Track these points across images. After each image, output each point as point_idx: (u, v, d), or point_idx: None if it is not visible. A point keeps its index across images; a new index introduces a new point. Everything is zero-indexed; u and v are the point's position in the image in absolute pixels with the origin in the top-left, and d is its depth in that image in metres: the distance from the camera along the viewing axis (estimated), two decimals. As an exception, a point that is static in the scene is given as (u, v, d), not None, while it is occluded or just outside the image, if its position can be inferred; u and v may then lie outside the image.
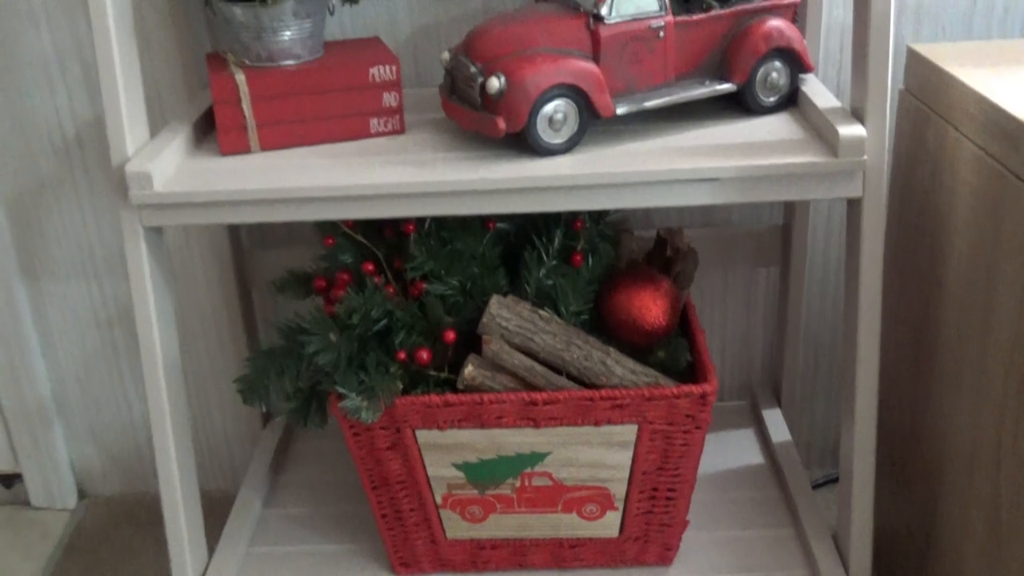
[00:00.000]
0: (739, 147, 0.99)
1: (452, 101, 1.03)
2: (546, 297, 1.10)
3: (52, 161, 1.31)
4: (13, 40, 1.24)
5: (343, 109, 1.06)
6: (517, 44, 0.99)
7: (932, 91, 1.06)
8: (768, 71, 1.06)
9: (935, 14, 1.22)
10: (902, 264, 1.16)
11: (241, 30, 1.04)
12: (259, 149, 1.05)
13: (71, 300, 1.40)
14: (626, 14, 0.99)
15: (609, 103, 0.99)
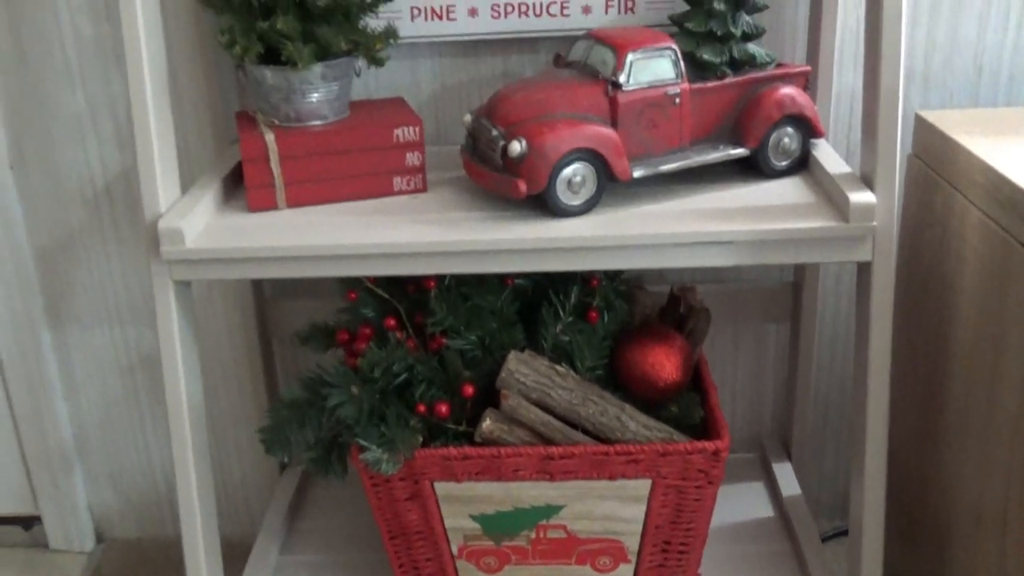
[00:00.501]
0: (752, 210, 1.02)
1: (474, 162, 1.07)
2: (562, 352, 1.12)
3: (81, 212, 1.35)
4: (48, 96, 1.29)
5: (368, 168, 1.10)
6: (538, 109, 1.02)
7: (940, 158, 1.09)
8: (780, 136, 1.09)
9: (942, 81, 1.25)
10: (911, 325, 1.19)
11: (271, 92, 1.08)
12: (286, 206, 1.09)
13: (94, 346, 1.43)
14: (643, 81, 1.03)
15: (626, 167, 1.02)
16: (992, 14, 1.22)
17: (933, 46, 1.24)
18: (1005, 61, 1.24)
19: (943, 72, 1.25)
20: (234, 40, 1.04)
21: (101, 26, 1.25)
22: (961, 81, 1.26)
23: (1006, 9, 1.22)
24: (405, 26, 1.19)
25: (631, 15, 1.19)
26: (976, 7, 1.22)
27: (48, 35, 1.26)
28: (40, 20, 1.25)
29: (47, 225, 1.36)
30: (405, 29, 1.19)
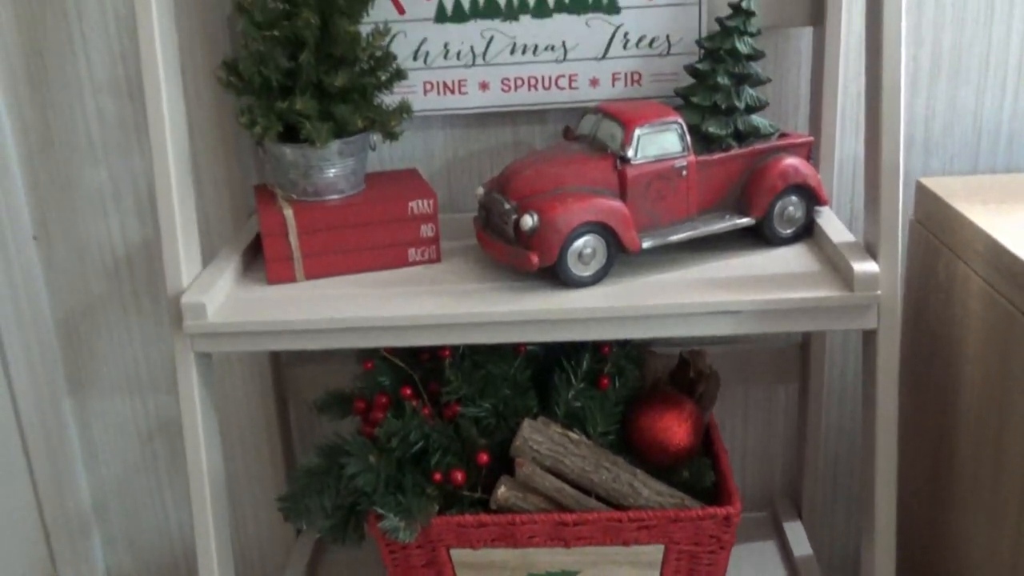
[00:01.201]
0: (758, 279, 1.05)
1: (487, 234, 1.10)
2: (575, 418, 1.14)
3: (103, 282, 1.38)
4: (72, 171, 1.32)
5: (383, 240, 1.13)
6: (549, 183, 1.05)
7: (941, 225, 1.12)
8: (785, 206, 1.12)
9: (943, 147, 1.28)
10: (918, 389, 1.21)
11: (290, 168, 1.11)
12: (304, 278, 1.12)
13: (114, 413, 1.45)
14: (650, 155, 1.06)
15: (635, 238, 1.05)
16: (989, 82, 1.26)
17: (933, 113, 1.27)
18: (1004, 126, 1.28)
19: (943, 138, 1.28)
20: (254, 120, 1.07)
21: (123, 104, 1.29)
22: (961, 146, 1.29)
23: (1003, 77, 1.25)
24: (418, 100, 1.23)
25: (637, 87, 1.22)
26: (973, 76, 1.26)
27: (73, 113, 1.30)
28: (66, 99, 1.29)
29: (69, 295, 1.39)
30: (418, 103, 1.23)
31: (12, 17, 1.26)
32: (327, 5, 1.07)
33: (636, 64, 1.22)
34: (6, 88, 1.29)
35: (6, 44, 1.27)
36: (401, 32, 1.21)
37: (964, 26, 1.24)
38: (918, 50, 1.25)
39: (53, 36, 1.27)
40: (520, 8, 1.20)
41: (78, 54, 1.27)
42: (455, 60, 1.22)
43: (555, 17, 1.20)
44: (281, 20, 1.06)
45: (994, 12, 1.23)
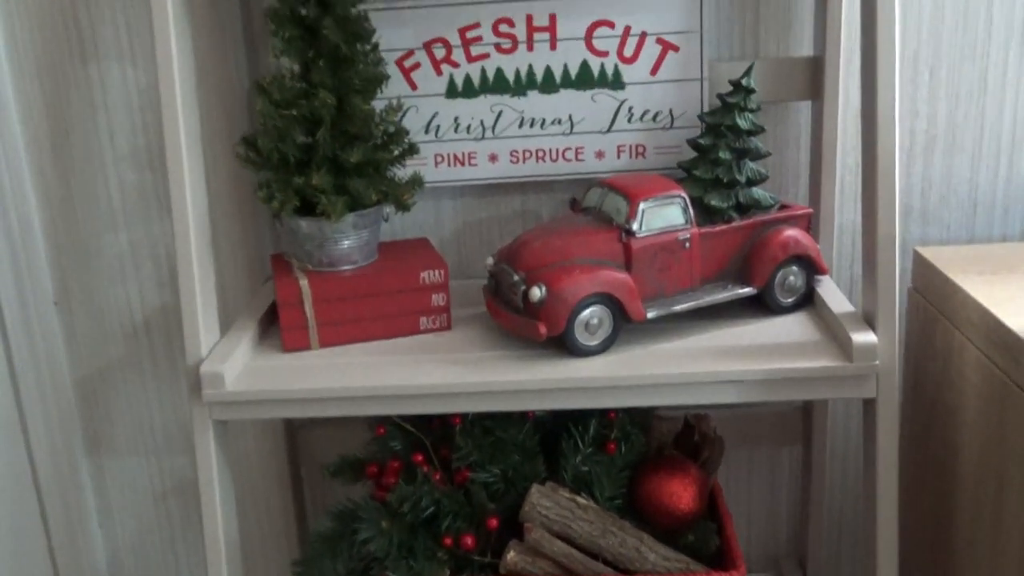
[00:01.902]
0: (760, 348, 1.08)
1: (496, 303, 1.13)
2: (582, 482, 1.17)
3: (121, 346, 1.41)
4: (93, 238, 1.36)
5: (395, 309, 1.16)
6: (556, 255, 1.09)
7: (938, 294, 1.15)
8: (786, 275, 1.15)
9: (940, 216, 1.32)
10: (918, 454, 1.23)
11: (306, 240, 1.15)
12: (318, 346, 1.15)
13: (129, 473, 1.48)
14: (655, 228, 1.10)
15: (640, 309, 1.08)
16: (983, 152, 1.30)
17: (930, 184, 1.31)
18: (999, 196, 1.31)
19: (940, 207, 1.32)
20: (272, 195, 1.11)
21: (144, 174, 1.34)
22: (958, 215, 1.32)
23: (996, 149, 1.29)
24: (429, 171, 1.27)
25: (642, 159, 1.27)
26: (968, 147, 1.29)
27: (95, 182, 1.34)
28: (88, 169, 1.34)
29: (88, 358, 1.42)
30: (430, 174, 1.27)
31: (38, 89, 1.31)
32: (343, 84, 1.11)
33: (640, 137, 1.26)
34: (31, 158, 1.33)
35: (32, 116, 1.32)
36: (413, 107, 1.25)
37: (958, 100, 1.28)
38: (914, 122, 1.29)
39: (77, 108, 1.31)
40: (528, 84, 1.24)
41: (101, 126, 1.32)
42: (465, 133, 1.26)
43: (562, 92, 1.24)
44: (299, 99, 1.10)
45: (987, 86, 1.27)
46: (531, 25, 1.22)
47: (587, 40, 1.22)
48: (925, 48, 1.26)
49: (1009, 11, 1.24)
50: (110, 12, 1.28)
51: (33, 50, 1.29)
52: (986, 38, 1.26)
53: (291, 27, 1.10)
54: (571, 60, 1.23)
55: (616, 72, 1.23)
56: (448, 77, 1.24)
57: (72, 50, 1.29)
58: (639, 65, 1.23)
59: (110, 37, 1.29)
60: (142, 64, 1.29)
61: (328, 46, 1.09)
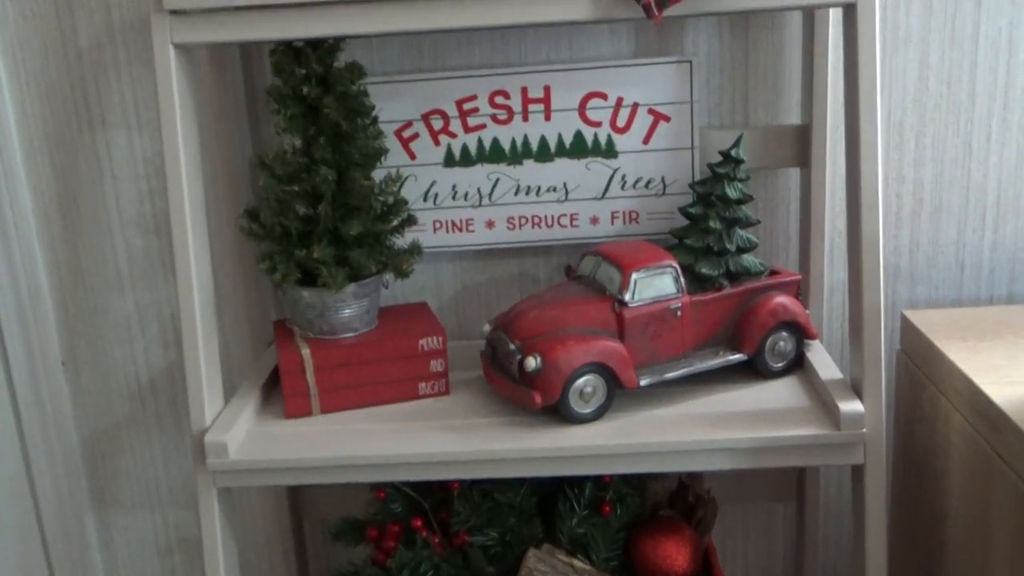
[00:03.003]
0: (751, 416, 1.10)
1: (493, 370, 1.16)
2: (578, 544, 1.19)
3: (126, 404, 1.44)
4: (100, 300, 1.40)
5: (395, 375, 1.19)
6: (551, 325, 1.12)
7: (924, 359, 1.18)
8: (776, 341, 1.18)
9: (928, 277, 1.35)
10: (908, 516, 1.25)
11: (307, 309, 1.18)
12: (320, 412, 1.18)
13: (135, 528, 1.51)
14: (647, 297, 1.13)
15: (633, 376, 1.11)
16: (969, 215, 1.33)
17: (917, 245, 1.34)
18: (984, 257, 1.34)
19: (928, 268, 1.35)
20: (274, 267, 1.14)
21: (149, 238, 1.37)
22: (945, 276, 1.35)
23: (982, 212, 1.32)
24: (428, 237, 1.30)
25: (635, 225, 1.30)
26: (954, 210, 1.32)
27: (102, 247, 1.37)
28: (95, 234, 1.37)
29: (94, 416, 1.45)
30: (428, 240, 1.30)
31: (47, 157, 1.34)
32: (343, 159, 1.15)
33: (633, 204, 1.29)
34: (39, 223, 1.37)
35: (41, 183, 1.35)
36: (412, 176, 1.28)
37: (943, 165, 1.31)
38: (901, 187, 1.32)
39: (85, 175, 1.35)
40: (524, 153, 1.28)
41: (108, 192, 1.35)
42: (463, 201, 1.29)
43: (557, 161, 1.28)
44: (300, 173, 1.13)
45: (971, 152, 1.30)
46: (526, 97, 1.26)
47: (581, 111, 1.26)
48: (910, 115, 1.30)
49: (991, 79, 1.28)
50: (117, 84, 1.31)
51: (42, 120, 1.33)
52: (969, 105, 1.29)
53: (293, 105, 1.13)
54: (565, 130, 1.27)
55: (609, 141, 1.27)
56: (446, 147, 1.28)
57: (80, 120, 1.33)
58: (632, 135, 1.26)
59: (117, 107, 1.32)
60: (148, 133, 1.33)
61: (329, 123, 1.13)
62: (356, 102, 1.16)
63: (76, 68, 1.31)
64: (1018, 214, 1.32)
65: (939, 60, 1.27)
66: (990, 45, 1.27)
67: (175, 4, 1.03)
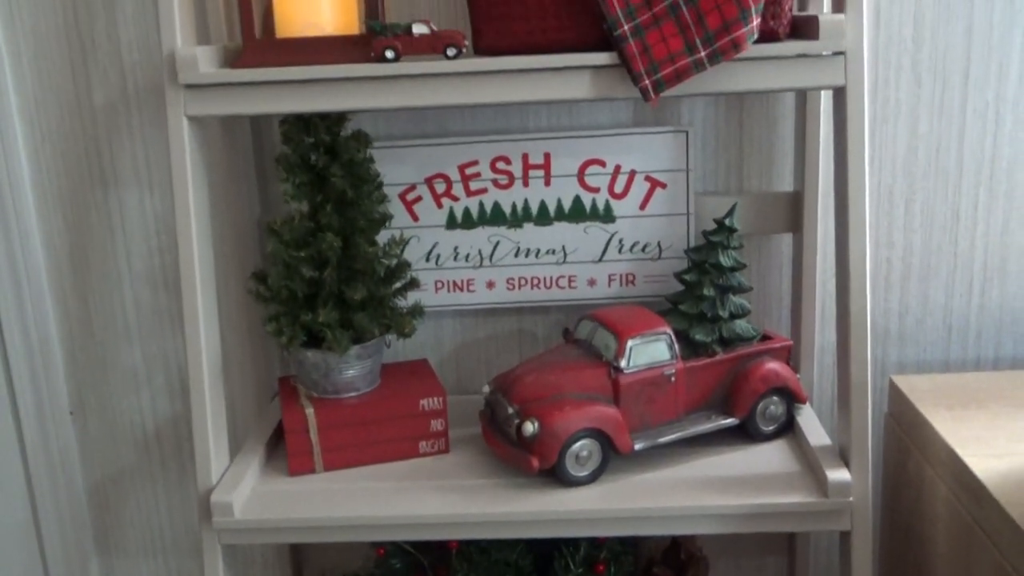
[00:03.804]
0: (742, 481, 1.13)
1: (492, 431, 1.19)
2: (573, 602, 1.23)
3: (132, 454, 1.47)
4: (109, 352, 1.43)
5: (396, 434, 1.22)
6: (549, 390, 1.15)
7: (910, 426, 1.21)
8: (767, 406, 1.21)
9: (916, 339, 1.38)
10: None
11: (312, 369, 1.21)
12: (322, 469, 1.21)
13: (138, 574, 1.53)
14: (642, 364, 1.16)
15: (628, 441, 1.14)
16: (957, 280, 1.36)
17: (906, 309, 1.37)
18: (972, 321, 1.37)
19: (916, 331, 1.38)
20: (281, 330, 1.18)
21: (158, 293, 1.40)
22: (933, 338, 1.38)
23: (969, 277, 1.36)
24: (430, 297, 1.34)
25: (631, 287, 1.33)
26: (942, 275, 1.36)
27: (112, 301, 1.41)
28: (105, 287, 1.40)
29: (101, 465, 1.48)
30: (430, 299, 1.34)
31: (60, 213, 1.38)
32: (348, 225, 1.18)
33: (630, 267, 1.33)
34: (51, 277, 1.40)
35: (53, 237, 1.39)
36: (415, 237, 1.32)
37: (932, 231, 1.35)
38: (890, 251, 1.36)
39: (96, 231, 1.38)
40: (524, 217, 1.31)
41: (118, 247, 1.39)
42: (464, 262, 1.33)
43: (556, 225, 1.31)
44: (308, 238, 1.17)
45: (959, 219, 1.34)
46: (527, 163, 1.29)
47: (580, 177, 1.30)
48: (900, 183, 1.33)
49: (978, 150, 1.32)
50: (129, 144, 1.35)
51: (57, 177, 1.36)
52: (957, 174, 1.33)
53: (301, 173, 1.17)
54: (564, 195, 1.30)
55: (607, 207, 1.31)
56: (448, 210, 1.32)
57: (93, 178, 1.36)
58: (629, 200, 1.30)
59: (129, 166, 1.36)
60: (158, 192, 1.37)
61: (335, 191, 1.17)
62: (362, 169, 1.19)
63: (91, 128, 1.35)
64: (1004, 280, 1.36)
65: (928, 131, 1.31)
66: (977, 117, 1.31)
67: (189, 79, 1.07)
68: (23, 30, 1.31)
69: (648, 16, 1.03)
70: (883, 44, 1.28)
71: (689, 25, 1.02)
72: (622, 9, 1.03)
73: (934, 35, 1.28)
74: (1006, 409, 1.18)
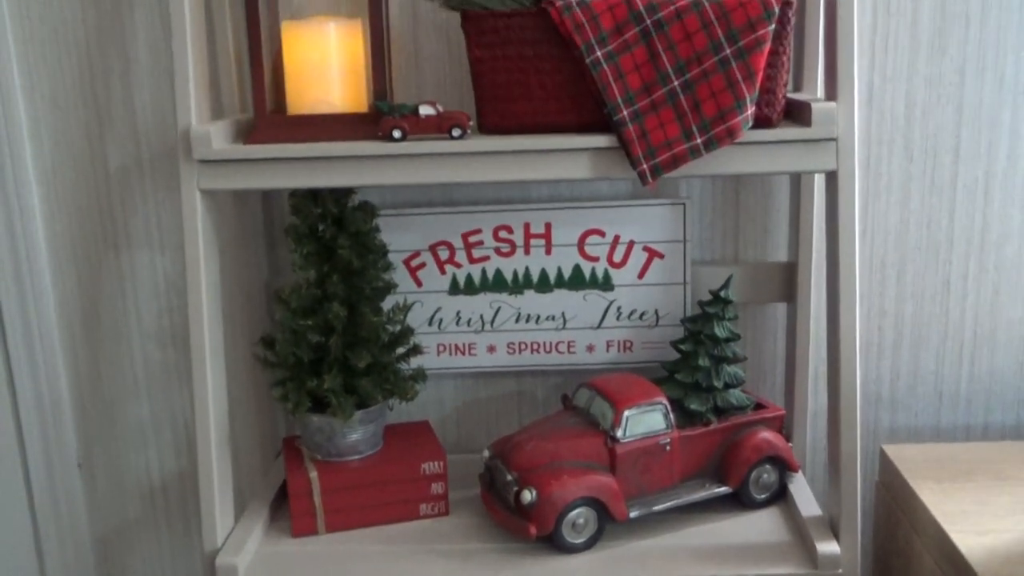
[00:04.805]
0: (734, 550, 1.16)
1: (491, 496, 1.22)
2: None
3: (138, 507, 1.50)
4: (118, 407, 1.46)
5: (397, 496, 1.25)
6: (546, 458, 1.18)
7: (900, 496, 1.24)
8: (760, 474, 1.24)
9: (908, 405, 1.41)
10: (885, 635, 1.31)
11: (316, 432, 1.25)
12: (325, 531, 1.24)
13: (142, 624, 1.56)
14: (638, 433, 1.19)
15: (624, 509, 1.17)
16: (947, 348, 1.39)
17: (898, 375, 1.41)
18: (962, 388, 1.41)
19: (908, 397, 1.41)
20: (287, 395, 1.21)
21: (166, 350, 1.44)
22: (924, 405, 1.42)
23: (959, 346, 1.39)
24: (432, 360, 1.37)
25: (629, 353, 1.37)
26: (933, 343, 1.39)
27: (121, 358, 1.44)
28: (115, 344, 1.44)
29: (107, 517, 1.51)
30: (432, 362, 1.37)
31: (73, 274, 1.41)
32: (354, 293, 1.22)
33: (628, 334, 1.36)
34: (62, 334, 1.44)
35: (66, 297, 1.42)
36: (419, 302, 1.36)
37: (923, 301, 1.38)
38: (882, 320, 1.39)
39: (108, 290, 1.42)
40: (525, 284, 1.35)
41: (129, 306, 1.43)
42: (466, 327, 1.37)
43: (556, 292, 1.35)
44: (315, 306, 1.21)
45: (950, 290, 1.38)
46: (528, 232, 1.33)
47: (580, 247, 1.33)
48: (892, 254, 1.37)
49: (968, 223, 1.35)
50: (143, 206, 1.39)
51: (71, 238, 1.40)
52: (948, 247, 1.36)
53: (309, 243, 1.21)
54: (565, 264, 1.34)
55: (606, 275, 1.34)
56: (451, 276, 1.35)
57: (106, 239, 1.40)
58: (627, 269, 1.34)
59: (141, 228, 1.40)
60: (168, 252, 1.40)
61: (342, 262, 1.20)
62: (368, 239, 1.23)
63: (105, 192, 1.38)
64: (993, 348, 1.39)
65: (919, 205, 1.35)
66: (967, 192, 1.34)
67: (203, 154, 1.11)
68: (42, 97, 1.35)
69: (647, 102, 1.07)
70: (876, 122, 1.32)
71: (686, 112, 1.06)
72: (621, 95, 1.06)
73: (925, 114, 1.32)
74: (993, 482, 1.21)
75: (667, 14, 1.05)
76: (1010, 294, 1.37)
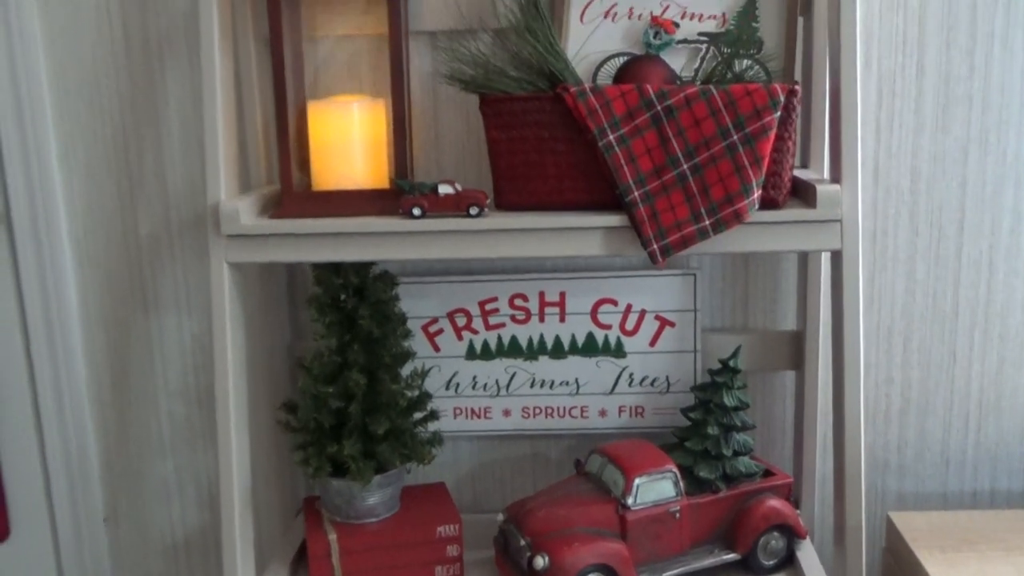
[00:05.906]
0: (742, 619, 1.19)
1: (504, 560, 1.25)
2: None
3: (162, 561, 1.54)
4: (143, 463, 1.51)
5: (413, 559, 1.28)
6: (559, 524, 1.21)
7: (906, 566, 1.26)
8: (768, 541, 1.27)
9: (915, 471, 1.44)
10: None
11: (335, 495, 1.28)
12: (343, 592, 1.27)
13: (162, 674, 1.60)
14: (648, 501, 1.22)
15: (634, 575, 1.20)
16: (953, 416, 1.42)
17: (905, 442, 1.43)
18: (968, 455, 1.43)
19: (915, 464, 1.44)
20: (307, 460, 1.25)
21: (192, 408, 1.48)
22: (931, 471, 1.44)
23: (965, 413, 1.42)
24: (448, 422, 1.41)
25: (640, 419, 1.40)
26: (939, 411, 1.42)
27: (147, 415, 1.49)
28: (142, 402, 1.48)
29: (131, 571, 1.55)
30: (448, 425, 1.41)
31: (103, 334, 1.46)
32: (374, 360, 1.26)
33: (639, 399, 1.39)
34: (91, 392, 1.48)
35: (95, 356, 1.47)
36: (436, 367, 1.40)
37: (929, 369, 1.41)
38: (889, 388, 1.42)
39: (136, 351, 1.47)
40: (539, 350, 1.39)
41: (156, 366, 1.47)
42: (482, 391, 1.40)
43: (569, 359, 1.39)
44: (336, 374, 1.25)
45: (956, 358, 1.41)
46: (543, 300, 1.37)
47: (593, 315, 1.37)
48: (898, 323, 1.40)
49: (973, 294, 1.38)
50: (171, 269, 1.44)
51: (101, 300, 1.45)
52: (953, 317, 1.39)
53: (331, 313, 1.25)
54: (578, 331, 1.38)
55: (618, 343, 1.38)
56: (468, 342, 1.39)
57: (136, 301, 1.45)
58: (639, 337, 1.37)
59: (169, 290, 1.45)
60: (196, 315, 1.45)
61: (363, 331, 1.24)
62: (388, 308, 1.27)
63: (135, 256, 1.43)
64: (999, 416, 1.42)
65: (925, 276, 1.38)
66: (972, 264, 1.38)
67: (231, 230, 1.16)
68: (77, 165, 1.41)
69: (657, 184, 1.11)
70: (882, 196, 1.36)
71: (695, 195, 1.10)
72: (633, 177, 1.11)
73: (930, 188, 1.36)
74: (997, 553, 1.23)
75: (676, 101, 1.10)
76: (1015, 363, 1.40)
